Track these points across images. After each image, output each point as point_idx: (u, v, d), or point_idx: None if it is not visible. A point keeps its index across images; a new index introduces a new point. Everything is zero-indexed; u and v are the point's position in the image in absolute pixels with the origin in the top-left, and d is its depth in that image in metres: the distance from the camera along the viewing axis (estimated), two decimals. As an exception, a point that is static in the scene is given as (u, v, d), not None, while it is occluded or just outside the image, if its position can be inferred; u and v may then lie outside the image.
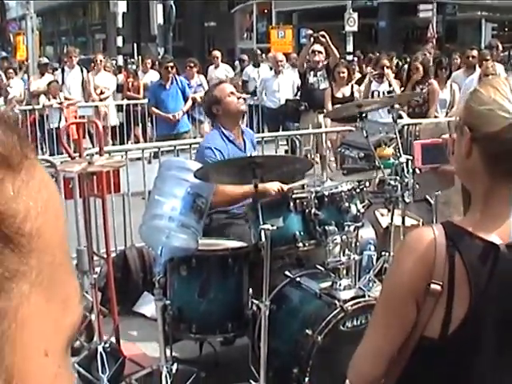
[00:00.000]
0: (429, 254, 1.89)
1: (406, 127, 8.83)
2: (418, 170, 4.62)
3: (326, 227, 4.34)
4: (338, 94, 10.60)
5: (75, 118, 13.16)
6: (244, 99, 5.53)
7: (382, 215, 6.21)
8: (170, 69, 11.50)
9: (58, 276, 0.57)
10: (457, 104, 9.79)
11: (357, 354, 2.06)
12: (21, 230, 0.53)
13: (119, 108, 15.17)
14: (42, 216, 0.56)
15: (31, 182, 0.56)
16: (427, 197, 6.69)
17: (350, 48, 27.94)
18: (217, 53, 17.18)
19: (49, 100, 13.60)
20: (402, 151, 5.19)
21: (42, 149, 13.92)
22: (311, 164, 4.86)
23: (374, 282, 4.99)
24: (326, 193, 4.51)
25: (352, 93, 10.69)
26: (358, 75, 14.21)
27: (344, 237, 4.31)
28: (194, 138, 11.59)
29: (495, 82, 1.95)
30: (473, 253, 1.88)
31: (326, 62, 11.18)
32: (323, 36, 10.86)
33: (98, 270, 5.92)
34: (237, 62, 17.99)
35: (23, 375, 0.53)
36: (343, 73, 10.71)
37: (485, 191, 1.92)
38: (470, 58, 11.56)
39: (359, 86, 11.14)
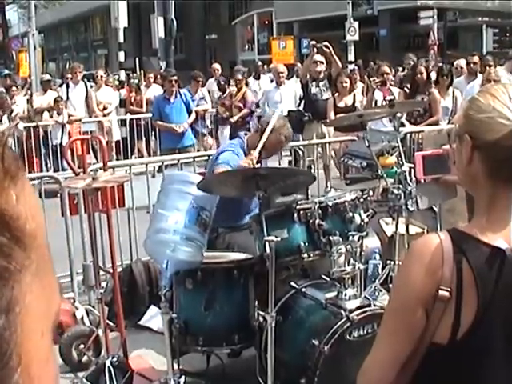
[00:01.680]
0: (436, 261, 1.90)
1: (408, 135, 8.83)
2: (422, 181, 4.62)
3: (331, 237, 4.35)
4: (341, 104, 10.61)
5: (79, 133, 13.20)
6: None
7: (387, 224, 6.21)
8: (173, 82, 11.53)
9: (47, 268, 0.65)
10: (459, 111, 9.78)
11: (367, 363, 2.06)
12: (25, 230, 0.61)
13: (122, 123, 15.21)
14: (35, 219, 0.64)
15: (25, 190, 0.64)
16: (431, 204, 6.69)
17: (351, 57, 27.98)
18: (216, 66, 17.22)
19: (51, 117, 13.64)
20: (404, 160, 5.20)
21: (46, 165, 13.95)
22: (314, 178, 4.87)
23: (380, 290, 5.00)
24: (330, 203, 4.52)
25: (354, 102, 10.70)
26: (359, 84, 14.20)
27: (348, 246, 4.32)
28: (198, 151, 11.61)
29: (494, 89, 1.97)
30: (479, 258, 1.89)
31: (327, 72, 11.19)
32: (326, 46, 10.88)
33: (104, 284, 5.94)
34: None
35: (26, 353, 0.60)
36: (345, 82, 10.72)
37: (488, 197, 1.94)
38: (472, 65, 11.58)
39: (366, 95, 11.13)
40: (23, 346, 0.59)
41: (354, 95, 10.85)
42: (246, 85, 14.47)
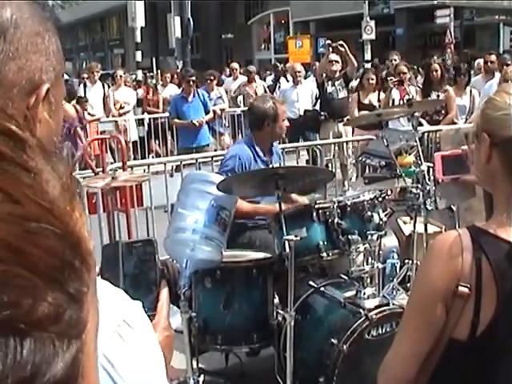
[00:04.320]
0: (455, 258, 1.91)
1: (426, 134, 8.82)
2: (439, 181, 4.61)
3: (349, 236, 4.35)
4: (366, 101, 10.60)
5: (97, 133, 13.26)
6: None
7: (405, 223, 6.21)
8: (191, 83, 11.58)
9: (96, 286, 0.64)
10: (476, 110, 9.76)
11: (387, 358, 2.07)
12: (88, 250, 0.60)
13: (140, 122, 15.25)
14: (90, 236, 0.62)
15: (81, 207, 0.62)
16: (449, 203, 6.67)
17: (367, 56, 27.96)
18: (235, 65, 17.25)
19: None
20: (422, 159, 5.20)
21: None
22: (333, 175, 4.88)
23: (398, 290, 5.00)
24: (349, 202, 4.52)
25: (379, 100, 10.70)
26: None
27: (367, 245, 4.32)
28: (215, 150, 11.64)
29: (509, 88, 2.00)
30: (499, 255, 1.91)
31: (343, 71, 11.20)
32: (342, 45, 10.88)
33: (123, 283, 5.96)
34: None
35: (86, 373, 0.59)
36: (372, 79, 10.73)
37: (507, 194, 1.95)
38: (489, 63, 11.54)
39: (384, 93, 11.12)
40: (85, 367, 0.59)
41: (379, 93, 10.84)
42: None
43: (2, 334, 0.51)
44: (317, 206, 4.50)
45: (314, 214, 4.46)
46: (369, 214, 4.49)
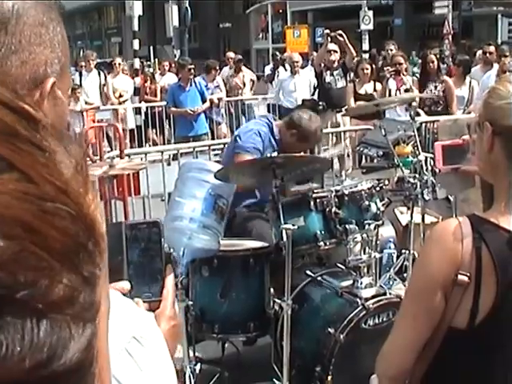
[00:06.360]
0: (455, 246, 1.91)
1: (424, 125, 8.81)
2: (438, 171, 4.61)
3: (347, 226, 4.34)
4: (361, 91, 10.60)
5: (93, 121, 13.24)
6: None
7: (402, 213, 6.21)
8: (191, 71, 11.60)
9: (106, 269, 0.63)
10: (475, 101, 9.75)
11: (386, 347, 2.07)
12: (101, 233, 0.59)
13: (137, 111, 15.23)
14: (103, 219, 0.61)
15: (93, 188, 0.61)
16: (446, 194, 6.67)
17: (365, 46, 27.89)
18: (231, 54, 17.22)
19: (68, 105, 13.65)
20: (420, 149, 5.19)
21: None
22: (330, 164, 4.87)
23: (395, 279, 5.01)
24: (346, 191, 4.51)
25: (375, 90, 10.69)
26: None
27: (364, 235, 4.32)
28: (212, 139, 11.64)
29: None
30: (499, 244, 1.91)
31: (342, 61, 11.19)
32: (341, 35, 10.87)
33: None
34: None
35: (100, 357, 0.58)
36: (367, 69, 10.73)
37: (508, 184, 1.95)
38: (488, 54, 11.53)
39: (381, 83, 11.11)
40: (98, 351, 0.58)
41: (375, 83, 10.83)
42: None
43: (19, 314, 0.49)
44: (314, 195, 4.50)
45: (312, 203, 4.45)
46: (366, 203, 4.49)
